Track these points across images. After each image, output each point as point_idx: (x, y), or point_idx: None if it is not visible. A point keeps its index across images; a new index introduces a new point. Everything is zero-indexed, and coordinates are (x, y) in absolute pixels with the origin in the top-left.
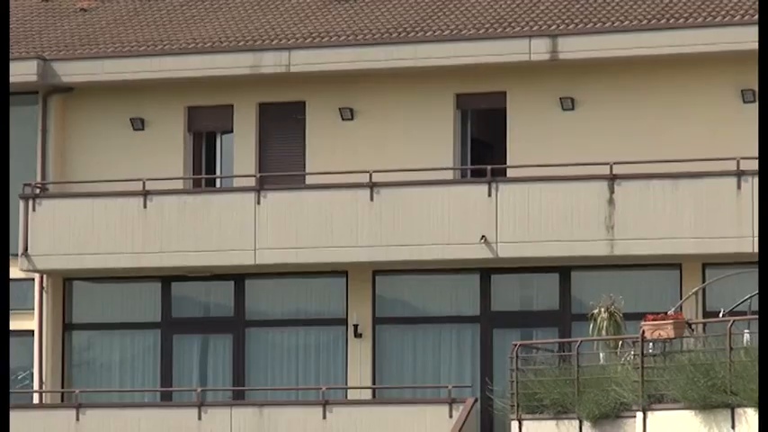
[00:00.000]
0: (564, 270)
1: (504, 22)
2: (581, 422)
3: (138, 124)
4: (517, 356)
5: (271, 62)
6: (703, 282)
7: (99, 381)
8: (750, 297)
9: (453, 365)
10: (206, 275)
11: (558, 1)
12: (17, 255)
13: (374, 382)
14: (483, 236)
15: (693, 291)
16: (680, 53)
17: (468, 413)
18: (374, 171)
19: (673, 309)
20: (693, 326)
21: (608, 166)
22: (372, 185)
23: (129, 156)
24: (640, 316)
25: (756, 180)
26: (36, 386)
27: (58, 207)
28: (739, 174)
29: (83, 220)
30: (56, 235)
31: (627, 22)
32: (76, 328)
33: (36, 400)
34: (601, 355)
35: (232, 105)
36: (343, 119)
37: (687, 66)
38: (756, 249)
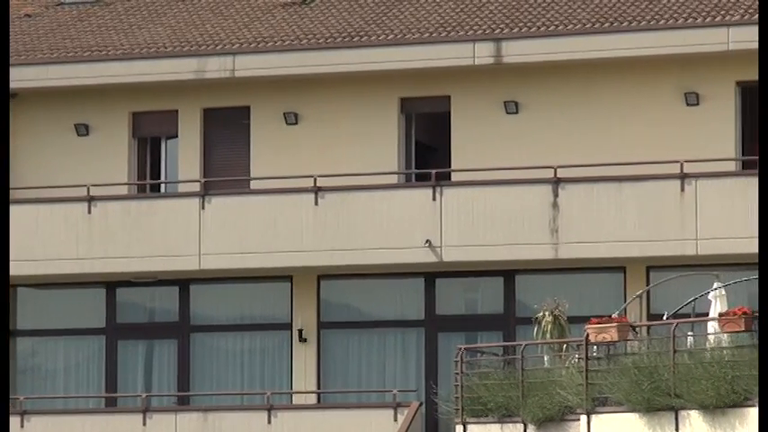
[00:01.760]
0: (508, 274)
1: (449, 27)
2: (525, 426)
3: (83, 130)
4: (462, 360)
5: (215, 67)
6: (647, 285)
7: (44, 387)
8: (694, 300)
9: (398, 370)
10: (151, 281)
11: (502, 5)
12: None
13: (319, 387)
14: (427, 240)
15: (637, 294)
16: (624, 56)
17: (413, 417)
18: (319, 176)
19: (617, 312)
20: (637, 329)
21: (552, 170)
22: (317, 190)
23: (73, 161)
24: (585, 319)
25: (700, 183)
26: None
27: None
28: (683, 177)
29: (27, 226)
30: None
31: (571, 26)
32: (21, 334)
33: None
34: (545, 358)
35: (177, 111)
36: (287, 123)
37: (631, 69)
38: (700, 252)
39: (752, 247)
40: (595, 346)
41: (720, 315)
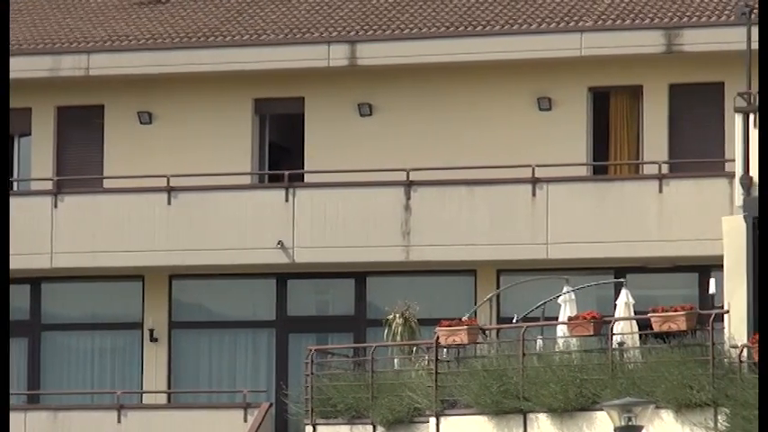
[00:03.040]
0: (360, 276)
1: (303, 28)
2: (375, 427)
3: None
4: (312, 361)
5: (69, 65)
6: (498, 288)
7: None
8: (543, 303)
9: (249, 370)
10: None
11: (356, 7)
12: None
13: (169, 387)
14: (280, 241)
15: (488, 297)
16: (477, 60)
17: (263, 418)
18: (172, 175)
19: (467, 314)
20: (487, 332)
21: (405, 173)
22: (170, 190)
23: None
24: (435, 321)
25: (551, 187)
26: None
27: None
28: (534, 181)
29: None
30: None
31: (425, 29)
32: None
33: None
34: (395, 360)
35: (30, 108)
36: (141, 123)
37: (484, 73)
38: (550, 256)
39: (601, 251)
40: (445, 349)
41: (569, 319)
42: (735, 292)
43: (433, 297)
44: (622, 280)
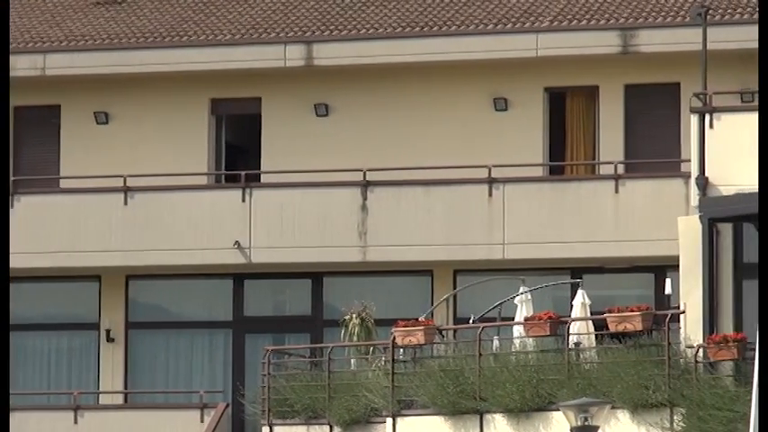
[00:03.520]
0: (316, 276)
1: (260, 28)
2: (332, 427)
3: None
4: (269, 362)
5: (26, 65)
6: (454, 288)
7: None
8: (500, 304)
9: (206, 370)
10: None
11: (313, 8)
12: None
13: (126, 387)
14: (236, 241)
15: (444, 297)
16: (434, 61)
17: (220, 418)
18: (128, 175)
19: (424, 315)
20: (444, 332)
21: (361, 173)
22: (126, 190)
23: None
24: (392, 322)
25: (507, 188)
26: None
27: None
28: (490, 181)
29: None
30: None
31: (381, 30)
32: None
33: None
34: (352, 360)
35: None
36: (98, 123)
37: (441, 74)
38: (506, 256)
39: (558, 251)
40: (402, 349)
41: (526, 319)
42: (690, 293)
43: (389, 297)
44: (579, 280)
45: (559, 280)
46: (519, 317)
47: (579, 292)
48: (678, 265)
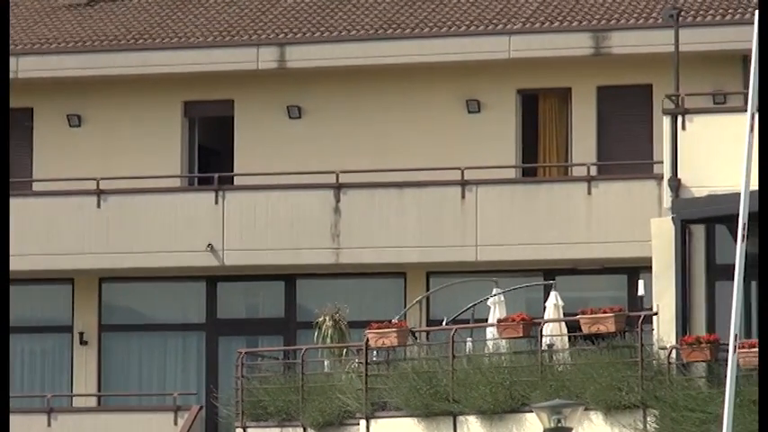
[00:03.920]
0: (289, 278)
1: (233, 30)
2: (305, 429)
3: None
4: (242, 364)
5: None
6: (427, 290)
7: None
8: (473, 305)
9: (179, 373)
10: None
11: (285, 10)
12: None
13: (100, 390)
14: (209, 243)
15: (417, 299)
16: (406, 63)
17: (194, 421)
18: (101, 178)
19: (397, 317)
20: (417, 334)
21: (334, 175)
22: (99, 192)
23: None
24: (365, 324)
25: (480, 190)
26: None
27: None
28: (463, 183)
29: None
30: None
31: (354, 32)
32: None
33: None
34: (326, 362)
35: None
36: (70, 126)
37: (413, 76)
38: (480, 258)
39: (530, 253)
40: (375, 351)
41: (499, 321)
42: (663, 294)
43: (362, 299)
44: (552, 282)
45: (532, 282)
46: (492, 318)
47: (552, 293)
48: (651, 267)
